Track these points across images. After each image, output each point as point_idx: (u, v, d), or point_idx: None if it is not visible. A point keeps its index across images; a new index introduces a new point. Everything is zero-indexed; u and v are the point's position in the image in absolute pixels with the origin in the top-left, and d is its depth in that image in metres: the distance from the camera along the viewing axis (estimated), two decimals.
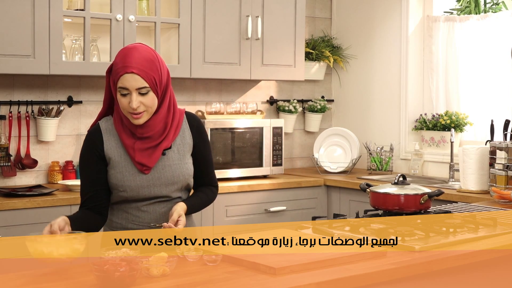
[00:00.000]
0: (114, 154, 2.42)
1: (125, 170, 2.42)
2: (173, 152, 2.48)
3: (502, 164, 3.70)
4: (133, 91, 2.33)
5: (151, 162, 2.41)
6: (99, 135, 2.43)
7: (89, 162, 2.43)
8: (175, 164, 2.47)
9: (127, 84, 2.32)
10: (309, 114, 5.22)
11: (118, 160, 2.42)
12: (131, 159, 2.41)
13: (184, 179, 2.50)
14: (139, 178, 2.42)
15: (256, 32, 4.53)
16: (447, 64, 4.82)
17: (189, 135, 2.53)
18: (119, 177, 2.41)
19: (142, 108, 2.35)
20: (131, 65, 2.31)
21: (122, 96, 2.34)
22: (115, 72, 2.35)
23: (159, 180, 2.44)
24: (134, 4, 4.07)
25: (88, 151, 2.44)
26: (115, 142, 2.43)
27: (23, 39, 3.74)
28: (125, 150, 2.42)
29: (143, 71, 2.33)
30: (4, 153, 3.93)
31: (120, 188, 2.42)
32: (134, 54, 2.33)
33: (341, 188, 4.56)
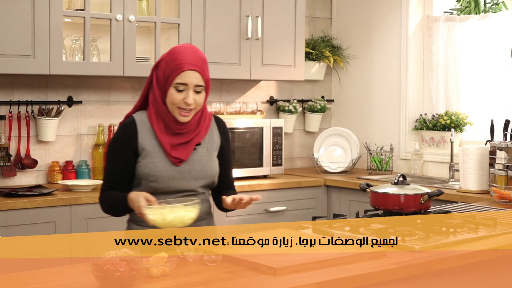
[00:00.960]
0: (148, 145, 2.50)
1: (157, 160, 2.49)
2: (202, 148, 2.58)
3: (502, 164, 3.70)
4: (191, 88, 2.44)
5: (185, 155, 2.51)
6: (134, 126, 2.51)
7: (121, 151, 2.51)
8: (204, 159, 2.56)
9: (187, 80, 2.43)
10: (309, 114, 5.22)
11: (151, 151, 2.49)
12: (164, 152, 2.49)
13: (212, 175, 2.58)
14: (171, 169, 2.50)
15: (256, 32, 4.53)
16: (447, 64, 4.82)
17: (217, 136, 2.64)
18: (152, 167, 2.48)
19: (193, 105, 2.46)
20: (193, 63, 2.44)
21: (178, 91, 2.44)
22: (175, 67, 2.43)
23: (189, 173, 2.52)
24: (134, 4, 4.07)
25: (121, 141, 2.52)
26: (149, 134, 2.51)
27: (23, 39, 3.74)
28: (159, 142, 2.50)
29: (202, 70, 2.47)
30: (4, 153, 3.93)
31: (151, 178, 2.48)
32: (193, 53, 2.46)
33: (341, 188, 4.56)
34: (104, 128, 4.31)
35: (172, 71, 2.44)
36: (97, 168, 4.29)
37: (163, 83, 2.47)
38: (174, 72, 2.43)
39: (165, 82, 2.46)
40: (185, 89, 2.44)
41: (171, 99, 2.45)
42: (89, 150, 4.33)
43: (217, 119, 2.68)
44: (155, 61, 4.19)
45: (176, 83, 2.44)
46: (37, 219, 3.58)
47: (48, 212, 3.61)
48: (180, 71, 2.43)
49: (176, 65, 2.44)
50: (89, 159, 4.31)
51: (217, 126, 2.65)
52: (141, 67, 4.13)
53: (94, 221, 3.74)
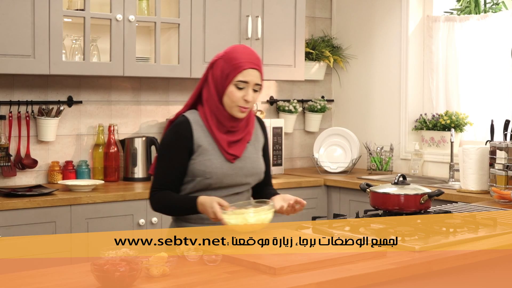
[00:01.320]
0: (203, 142, 2.56)
1: (213, 157, 2.56)
2: (251, 146, 2.67)
3: (502, 164, 3.70)
4: (251, 86, 2.53)
5: (239, 152, 2.60)
6: (188, 125, 2.56)
7: (176, 150, 2.56)
8: (254, 156, 2.66)
9: (249, 78, 2.51)
10: (309, 114, 5.22)
11: (207, 148, 2.56)
12: (219, 149, 2.56)
13: (260, 172, 2.68)
14: (226, 166, 2.57)
15: (256, 32, 4.53)
16: (447, 64, 4.82)
17: (261, 135, 2.74)
18: (208, 164, 2.55)
19: (251, 103, 2.55)
20: (254, 62, 2.53)
21: (238, 89, 2.52)
22: (237, 65, 2.50)
23: (241, 170, 2.61)
24: (134, 4, 4.07)
25: (176, 140, 2.56)
26: (203, 132, 2.57)
27: (23, 39, 3.74)
28: (213, 140, 2.57)
29: (261, 69, 2.56)
30: (4, 153, 3.93)
31: (207, 175, 2.55)
32: (252, 53, 2.56)
33: (341, 188, 4.56)
34: (104, 128, 4.31)
35: (233, 69, 2.51)
36: (97, 168, 4.29)
37: (220, 81, 2.54)
38: (235, 70, 2.51)
39: (224, 80, 2.53)
40: (244, 87, 2.52)
41: (231, 96, 2.52)
42: (89, 150, 4.33)
43: (259, 119, 2.77)
44: (155, 61, 4.19)
45: (237, 81, 2.51)
46: (37, 219, 3.59)
47: (48, 212, 3.61)
48: (242, 69, 2.50)
49: (237, 64, 2.51)
50: (89, 159, 4.31)
51: (260, 125, 2.75)
52: (141, 67, 4.13)
53: (94, 221, 3.75)
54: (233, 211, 2.43)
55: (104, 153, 4.28)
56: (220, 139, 2.56)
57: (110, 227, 3.79)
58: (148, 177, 4.38)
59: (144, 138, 4.39)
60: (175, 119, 2.61)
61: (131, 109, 4.47)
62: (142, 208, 3.88)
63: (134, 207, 3.87)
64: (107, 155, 4.28)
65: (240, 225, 2.39)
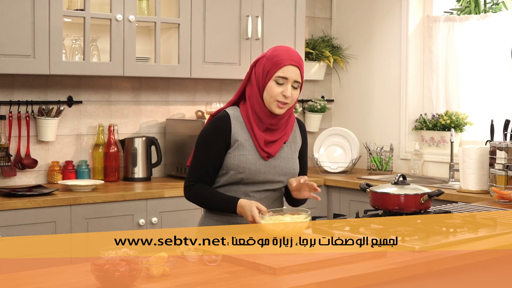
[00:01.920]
0: (240, 137, 2.63)
1: (248, 153, 2.63)
2: (287, 147, 2.73)
3: (502, 164, 3.70)
4: (290, 82, 2.59)
5: (274, 151, 2.66)
6: (228, 119, 2.64)
7: (214, 142, 2.63)
8: (289, 157, 2.72)
9: (289, 74, 2.58)
10: (309, 114, 5.22)
11: (243, 143, 2.63)
12: (255, 146, 2.63)
13: (294, 172, 2.73)
14: (259, 163, 2.64)
15: (256, 32, 4.53)
16: (447, 64, 4.82)
17: (299, 137, 2.81)
18: (242, 159, 2.62)
19: (290, 99, 2.61)
20: (296, 60, 2.60)
21: (278, 84, 2.59)
22: (277, 62, 2.58)
23: (275, 169, 2.67)
24: (134, 4, 4.07)
25: (215, 132, 2.64)
26: (241, 128, 2.64)
27: (23, 39, 3.74)
28: (250, 136, 2.64)
29: (301, 67, 2.63)
30: (4, 153, 3.93)
31: (240, 169, 2.62)
32: (294, 52, 2.63)
33: (341, 188, 4.56)
34: (104, 128, 4.32)
35: (274, 65, 2.58)
36: (97, 168, 4.29)
37: (262, 78, 2.61)
38: (276, 66, 2.58)
39: (265, 76, 2.60)
40: (284, 83, 2.58)
41: (270, 91, 2.59)
42: (89, 150, 4.33)
43: (299, 122, 2.83)
44: (155, 61, 4.19)
45: (277, 77, 2.58)
46: (37, 219, 3.59)
47: (48, 212, 3.61)
48: (282, 65, 2.57)
49: (278, 60, 2.58)
50: (89, 159, 4.31)
51: (299, 128, 2.81)
52: (141, 67, 4.13)
53: (94, 221, 3.75)
54: (271, 216, 2.47)
55: (104, 153, 4.28)
56: (258, 136, 2.63)
57: (110, 227, 3.79)
58: (148, 177, 4.38)
59: (144, 138, 4.39)
60: (216, 113, 2.69)
61: (131, 109, 4.47)
62: (142, 208, 3.88)
63: (134, 207, 3.87)
64: (107, 155, 4.28)
65: (277, 230, 2.41)
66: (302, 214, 2.46)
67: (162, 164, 4.49)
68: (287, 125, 2.72)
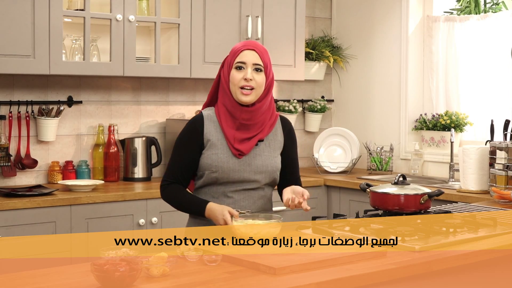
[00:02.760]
0: (212, 137, 2.66)
1: (220, 152, 2.65)
2: (265, 145, 2.72)
3: (502, 164, 3.70)
4: (249, 66, 2.62)
5: (246, 149, 2.66)
6: (201, 120, 2.69)
7: (188, 144, 2.68)
8: (265, 155, 2.71)
9: (245, 58, 2.62)
10: (309, 114, 5.23)
11: (215, 143, 2.66)
12: (227, 145, 2.65)
13: (272, 171, 2.71)
14: (232, 161, 2.65)
15: (256, 32, 4.53)
16: (447, 64, 4.82)
17: (281, 135, 2.78)
18: (214, 158, 2.64)
19: (253, 83, 2.61)
20: (252, 45, 2.65)
21: (237, 70, 2.63)
22: (234, 51, 2.65)
23: (249, 167, 2.67)
24: (134, 4, 4.07)
25: (188, 134, 2.69)
26: (214, 128, 2.68)
27: (23, 39, 3.74)
28: (223, 136, 2.66)
29: (261, 51, 2.65)
30: (4, 153, 3.93)
31: (213, 168, 2.64)
32: (254, 41, 2.71)
33: (341, 188, 4.56)
34: (104, 128, 4.32)
35: (232, 55, 2.66)
36: (97, 168, 4.29)
37: (227, 72, 2.67)
38: (234, 55, 2.64)
39: (228, 69, 2.66)
40: (243, 67, 2.62)
41: (233, 79, 2.63)
42: (89, 150, 4.33)
43: (283, 119, 2.82)
44: (155, 61, 4.19)
45: (236, 63, 2.63)
46: (37, 219, 3.58)
47: (48, 212, 3.61)
48: (239, 52, 2.63)
49: (235, 49, 2.66)
50: (89, 159, 4.31)
51: (282, 126, 2.79)
52: (141, 67, 4.13)
53: (94, 221, 3.75)
54: (242, 220, 2.48)
55: (104, 153, 4.28)
56: (229, 135, 2.65)
57: (110, 227, 3.79)
58: (148, 177, 4.38)
59: (144, 138, 4.39)
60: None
61: (131, 109, 4.47)
62: (142, 208, 3.88)
63: (134, 207, 3.87)
64: (107, 155, 4.28)
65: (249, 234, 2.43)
66: (274, 220, 2.49)
67: (162, 164, 4.49)
68: (264, 122, 2.70)
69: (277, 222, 2.48)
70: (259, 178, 2.69)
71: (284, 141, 2.78)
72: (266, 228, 2.44)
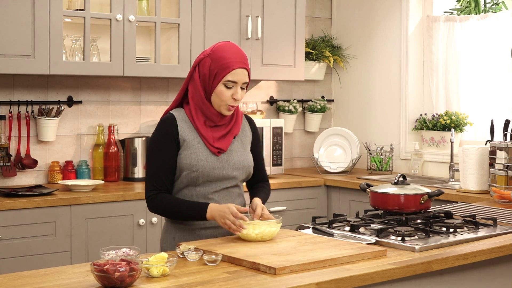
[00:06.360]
0: (188, 136, 2.59)
1: (198, 151, 2.59)
2: (237, 141, 2.70)
3: (502, 164, 3.70)
4: (239, 85, 2.56)
5: (225, 146, 2.63)
6: (174, 121, 2.60)
7: (164, 146, 2.59)
8: (240, 151, 2.68)
9: (237, 77, 2.55)
10: (309, 114, 5.22)
11: (192, 142, 2.59)
12: (204, 143, 2.60)
13: (248, 166, 2.69)
14: (211, 159, 2.60)
15: (256, 32, 4.53)
16: (447, 64, 4.82)
17: (249, 130, 2.77)
18: (193, 157, 2.58)
19: (239, 101, 2.60)
20: (244, 61, 2.56)
21: (227, 88, 2.55)
22: (226, 65, 2.53)
23: (228, 163, 2.63)
24: (134, 4, 4.07)
25: (163, 136, 2.60)
26: (188, 128, 2.61)
27: (23, 39, 3.74)
28: (198, 135, 2.60)
29: (249, 68, 2.60)
30: (4, 153, 3.93)
31: (193, 168, 2.57)
32: (239, 51, 2.58)
33: (341, 188, 4.56)
34: (104, 128, 4.32)
35: (222, 69, 2.53)
36: (97, 168, 4.29)
37: (209, 80, 2.56)
38: (225, 70, 2.53)
39: (213, 79, 2.55)
40: (233, 86, 2.55)
41: (220, 95, 2.55)
42: (89, 150, 4.33)
43: (248, 117, 2.81)
44: (155, 61, 4.19)
45: (226, 81, 2.54)
46: (37, 219, 3.59)
47: (48, 212, 3.61)
48: (231, 69, 2.53)
49: (226, 63, 2.53)
50: (89, 159, 4.31)
51: (249, 123, 2.78)
52: (141, 67, 4.13)
53: (94, 221, 3.75)
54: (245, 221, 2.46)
55: (104, 153, 4.28)
56: (205, 134, 2.59)
57: (110, 227, 3.79)
58: None
59: (144, 138, 4.39)
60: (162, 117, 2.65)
61: (131, 109, 4.47)
62: (142, 208, 3.88)
63: (134, 207, 3.87)
64: (107, 155, 4.28)
65: (252, 235, 2.44)
66: (274, 220, 2.50)
67: None
68: (232, 119, 2.67)
69: (278, 221, 2.49)
70: (237, 174, 2.65)
71: (252, 137, 2.76)
72: (268, 227, 2.45)
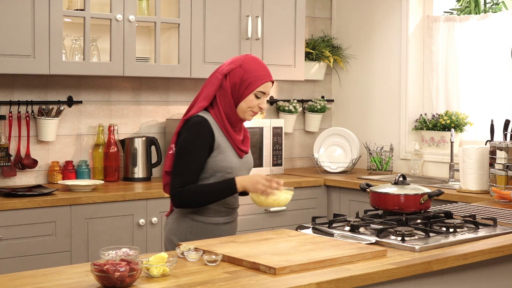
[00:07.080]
0: (222, 141, 2.77)
1: (231, 154, 2.78)
2: None
3: (502, 164, 3.70)
4: (266, 96, 2.81)
5: (247, 148, 2.88)
6: (209, 125, 2.75)
7: (200, 148, 2.72)
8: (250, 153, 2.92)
9: (267, 89, 2.79)
10: (309, 114, 5.23)
11: (225, 146, 2.77)
12: (233, 147, 2.79)
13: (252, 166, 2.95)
14: (238, 161, 2.81)
15: (256, 32, 4.53)
16: (447, 64, 4.82)
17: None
18: (228, 160, 2.76)
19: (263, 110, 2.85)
20: (270, 75, 2.81)
21: (256, 98, 2.77)
22: (259, 77, 2.76)
23: (247, 164, 2.87)
24: (134, 4, 4.07)
25: (199, 137, 2.73)
26: (219, 132, 2.77)
27: (23, 39, 3.74)
28: (226, 139, 2.78)
29: None
30: (4, 153, 3.93)
31: (228, 170, 2.76)
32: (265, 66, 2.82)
33: (341, 188, 4.56)
34: (104, 128, 4.32)
35: (255, 80, 2.76)
36: (97, 168, 4.29)
37: (239, 89, 2.76)
38: (258, 82, 2.76)
39: (244, 88, 2.75)
40: (261, 97, 2.78)
41: (250, 103, 2.76)
42: (89, 150, 4.33)
43: None
44: (155, 61, 4.19)
45: (258, 91, 2.76)
46: (37, 219, 3.59)
47: (48, 212, 3.61)
48: (264, 81, 2.76)
49: (260, 75, 2.77)
50: (89, 159, 4.31)
51: None
52: (141, 67, 4.13)
53: (94, 221, 3.75)
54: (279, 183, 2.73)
55: (104, 153, 4.28)
56: (234, 138, 2.79)
57: (110, 227, 3.79)
58: (148, 177, 4.37)
59: (144, 138, 4.39)
60: (188, 118, 2.76)
61: (131, 109, 4.47)
62: (142, 208, 3.88)
63: (134, 207, 3.87)
64: (107, 155, 4.28)
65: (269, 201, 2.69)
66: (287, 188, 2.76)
67: (162, 164, 4.49)
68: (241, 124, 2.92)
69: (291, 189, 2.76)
70: (249, 172, 2.89)
71: None
72: (284, 194, 2.70)
